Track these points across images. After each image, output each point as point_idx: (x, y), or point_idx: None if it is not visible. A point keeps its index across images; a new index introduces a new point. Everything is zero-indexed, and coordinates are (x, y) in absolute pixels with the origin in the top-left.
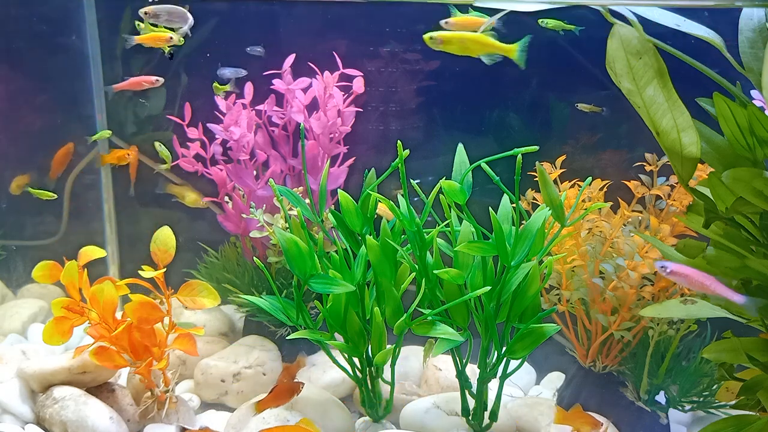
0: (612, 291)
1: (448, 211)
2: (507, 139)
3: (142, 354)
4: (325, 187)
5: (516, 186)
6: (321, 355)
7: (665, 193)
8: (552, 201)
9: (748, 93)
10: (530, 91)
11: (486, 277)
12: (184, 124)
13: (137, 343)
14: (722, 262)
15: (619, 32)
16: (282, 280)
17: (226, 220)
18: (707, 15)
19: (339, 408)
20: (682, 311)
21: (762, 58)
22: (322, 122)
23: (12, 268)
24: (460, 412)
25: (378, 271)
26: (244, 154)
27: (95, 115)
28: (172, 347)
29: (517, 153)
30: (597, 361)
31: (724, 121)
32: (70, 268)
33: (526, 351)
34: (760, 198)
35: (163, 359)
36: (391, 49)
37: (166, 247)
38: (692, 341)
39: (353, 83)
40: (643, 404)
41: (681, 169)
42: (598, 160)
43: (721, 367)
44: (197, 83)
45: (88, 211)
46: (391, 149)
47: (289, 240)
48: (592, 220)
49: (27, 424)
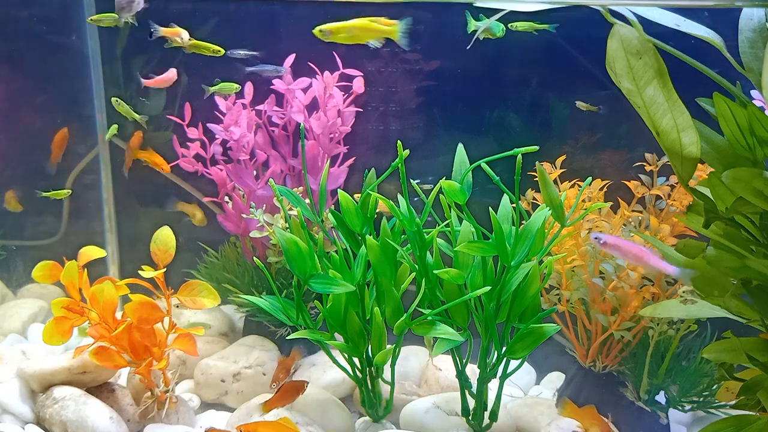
0: (612, 291)
1: (448, 211)
2: (507, 139)
3: (142, 354)
4: (325, 187)
5: (516, 186)
6: (321, 355)
7: (665, 193)
8: (552, 201)
9: (748, 93)
10: (530, 91)
11: (486, 277)
12: (184, 124)
13: (137, 343)
14: (722, 262)
15: (619, 32)
16: (282, 280)
17: (226, 220)
18: (707, 15)
19: (339, 408)
20: (682, 311)
21: (762, 58)
22: (322, 122)
23: (12, 268)
24: (460, 412)
25: (378, 271)
26: (244, 154)
27: (95, 115)
28: (172, 347)
29: (517, 153)
30: (597, 361)
31: (724, 121)
32: (70, 268)
33: (526, 351)
34: (760, 198)
35: (163, 359)
36: (391, 49)
37: (166, 247)
38: (692, 341)
39: (353, 83)
40: (643, 404)
41: (681, 169)
42: (598, 160)
43: (721, 367)
44: (197, 83)
45: (88, 211)
46: (391, 149)
47: (289, 240)
48: (592, 220)
49: (27, 424)
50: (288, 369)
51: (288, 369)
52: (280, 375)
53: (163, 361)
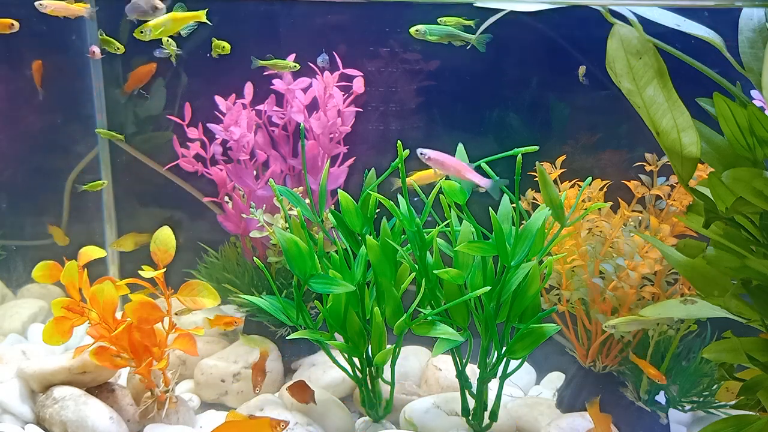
0: (612, 291)
1: (448, 211)
2: (507, 139)
3: (142, 354)
4: (325, 187)
5: (516, 186)
6: (321, 355)
7: (665, 193)
8: (552, 201)
9: (748, 93)
10: (530, 90)
11: (486, 277)
12: (184, 124)
13: (137, 343)
14: (722, 262)
15: (619, 32)
16: (282, 280)
17: (226, 220)
18: (707, 15)
19: (339, 408)
20: (682, 311)
21: (762, 58)
22: (322, 122)
23: (12, 268)
24: (460, 412)
25: (378, 271)
26: (244, 154)
27: (95, 115)
28: (172, 347)
29: (517, 153)
30: (597, 361)
31: (724, 121)
32: (70, 268)
33: (526, 351)
34: (760, 198)
35: (163, 359)
36: (390, 49)
37: (166, 247)
38: (692, 341)
39: (353, 83)
40: (643, 404)
41: (681, 169)
42: (598, 160)
43: (721, 367)
44: (197, 83)
45: (88, 211)
46: (391, 149)
47: (289, 240)
48: (592, 220)
49: (27, 424)
50: (263, 369)
51: (263, 369)
52: (258, 378)
53: (163, 361)
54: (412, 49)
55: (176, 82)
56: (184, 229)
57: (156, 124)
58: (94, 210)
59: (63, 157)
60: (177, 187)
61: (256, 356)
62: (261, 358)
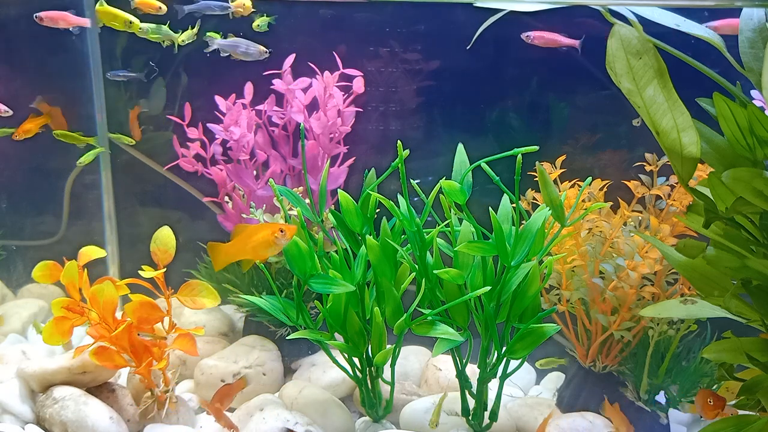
0: (612, 291)
1: (448, 211)
2: (507, 139)
3: (142, 354)
4: (325, 187)
5: (516, 186)
6: (321, 355)
7: (665, 193)
8: (552, 201)
9: (748, 93)
10: (530, 90)
11: (486, 277)
12: (184, 124)
13: (137, 343)
14: (722, 262)
15: (619, 32)
16: (282, 280)
17: (226, 220)
18: (707, 15)
19: (339, 408)
20: (682, 311)
21: (762, 58)
22: (322, 122)
23: (12, 268)
24: (460, 412)
25: (378, 271)
26: (244, 154)
27: (95, 115)
28: (172, 347)
29: (517, 153)
30: (597, 361)
31: (724, 121)
32: (70, 268)
33: (526, 351)
34: (760, 198)
35: (163, 359)
36: (391, 49)
37: (166, 247)
38: (692, 341)
39: (353, 83)
40: (643, 404)
41: (681, 169)
42: (598, 160)
43: (721, 367)
44: (197, 84)
45: (88, 211)
46: (391, 149)
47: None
48: (592, 220)
49: (27, 424)
50: (230, 395)
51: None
52: (216, 404)
53: (163, 361)
54: (412, 49)
55: (176, 82)
56: (184, 229)
57: (156, 124)
58: (94, 210)
59: (62, 157)
60: (177, 187)
61: (257, 356)
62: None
